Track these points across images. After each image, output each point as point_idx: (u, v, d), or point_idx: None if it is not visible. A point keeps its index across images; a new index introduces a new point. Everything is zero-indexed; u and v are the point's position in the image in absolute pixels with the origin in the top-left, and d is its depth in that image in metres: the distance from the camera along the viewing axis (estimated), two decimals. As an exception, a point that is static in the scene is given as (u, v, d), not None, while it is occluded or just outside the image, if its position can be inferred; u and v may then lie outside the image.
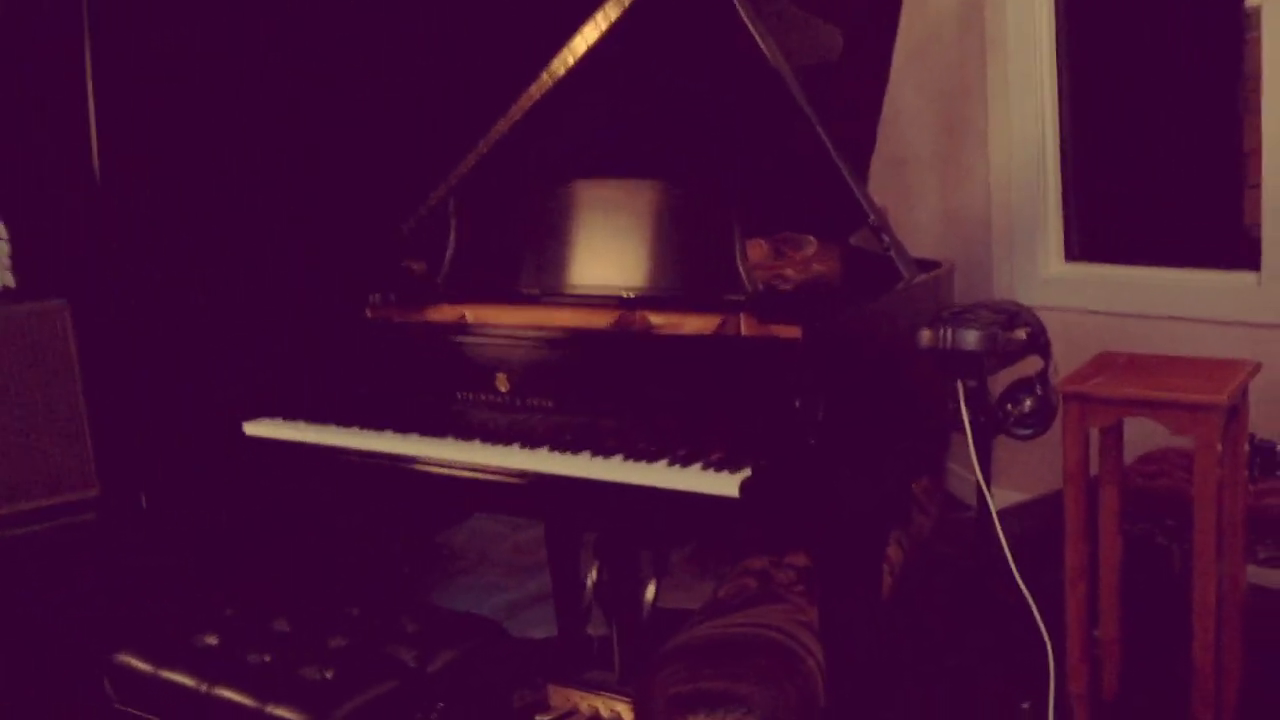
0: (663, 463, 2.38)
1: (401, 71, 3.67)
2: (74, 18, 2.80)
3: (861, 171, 4.09)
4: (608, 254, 2.79)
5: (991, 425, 2.09)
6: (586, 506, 2.48)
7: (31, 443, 2.85)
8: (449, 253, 3.03)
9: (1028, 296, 4.04)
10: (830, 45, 3.56)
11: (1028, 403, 2.10)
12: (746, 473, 2.23)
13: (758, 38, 2.74)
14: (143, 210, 3.06)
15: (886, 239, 2.66)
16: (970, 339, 1.98)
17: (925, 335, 2.06)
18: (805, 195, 2.98)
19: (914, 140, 4.41)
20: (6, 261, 2.87)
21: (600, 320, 2.76)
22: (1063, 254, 4.03)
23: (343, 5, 3.54)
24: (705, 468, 2.32)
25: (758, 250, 3.33)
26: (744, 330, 2.62)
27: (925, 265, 2.86)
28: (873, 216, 2.67)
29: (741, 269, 2.63)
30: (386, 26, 3.64)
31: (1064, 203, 4.02)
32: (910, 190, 4.46)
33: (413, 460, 2.67)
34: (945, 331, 2.01)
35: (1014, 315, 2.06)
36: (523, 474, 2.51)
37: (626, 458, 2.42)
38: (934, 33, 4.24)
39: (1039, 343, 2.08)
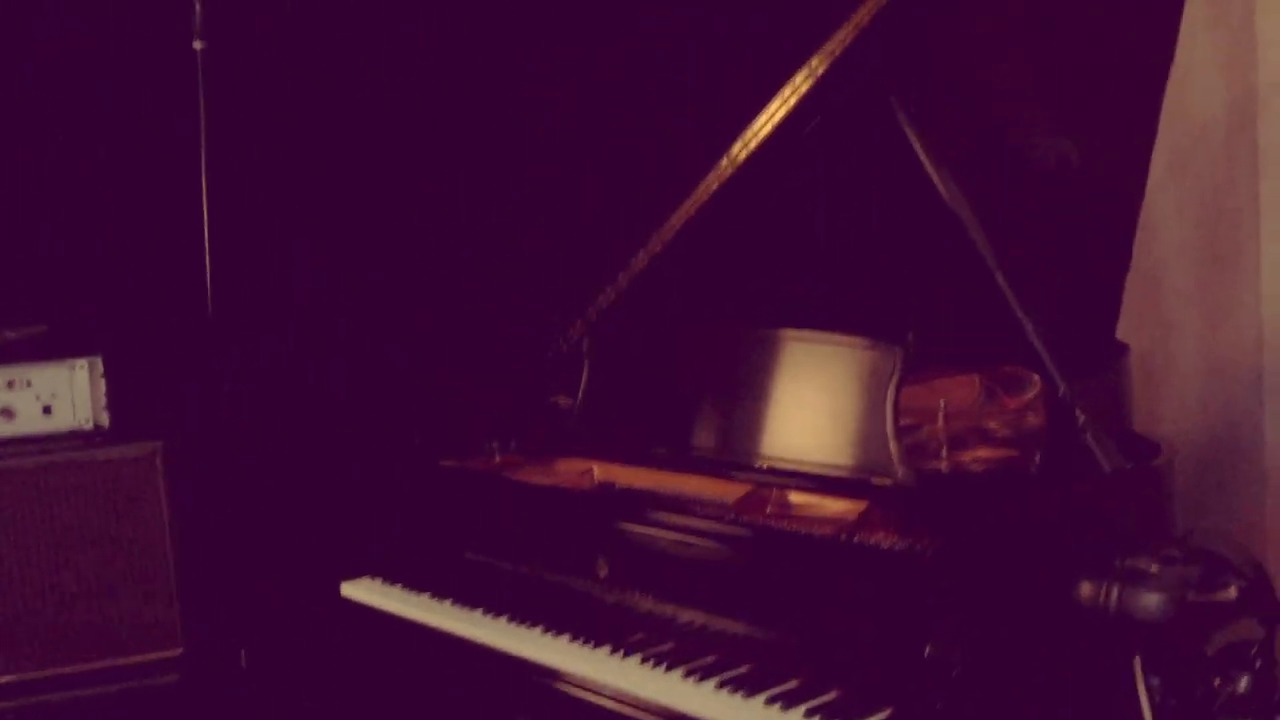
0: (760, 699, 1.90)
1: (536, 196, 3.37)
2: (191, 135, 2.63)
3: (1105, 307, 3.46)
4: (747, 413, 2.37)
5: (1187, 712, 1.49)
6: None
7: (112, 595, 2.66)
8: (579, 397, 2.70)
9: (1307, 466, 3.29)
10: (1060, 159, 3.02)
11: (1243, 682, 1.50)
12: (851, 734, 1.73)
13: (932, 172, 2.27)
14: (253, 345, 2.86)
15: (1082, 417, 2.10)
16: (1147, 605, 1.41)
17: (1085, 590, 1.50)
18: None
19: (1172, 265, 3.73)
20: (102, 400, 2.72)
21: (731, 492, 2.32)
22: (1354, 415, 3.26)
23: (462, 138, 3.29)
24: (810, 715, 1.82)
25: (967, 389, 2.82)
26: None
27: (1138, 448, 2.28)
28: (1063, 388, 2.13)
29: (893, 448, 2.14)
30: (506, 163, 3.35)
31: (1358, 351, 3.25)
32: (1168, 323, 3.78)
33: (496, 653, 2.31)
34: (1110, 590, 1.45)
35: (1218, 565, 1.47)
36: (601, 689, 2.09)
37: (722, 685, 1.96)
38: (1197, 143, 3.58)
39: (1261, 603, 1.48)
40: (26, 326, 2.80)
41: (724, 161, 2.53)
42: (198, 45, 2.56)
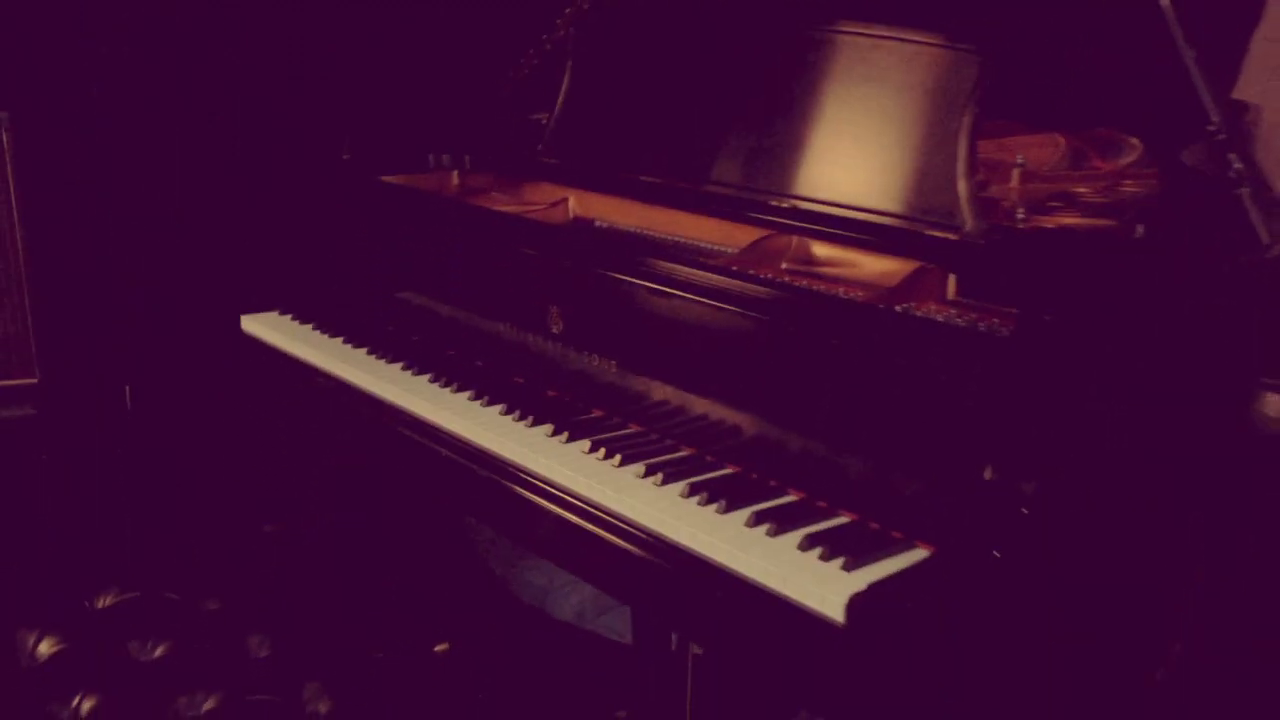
0: (741, 515, 1.36)
1: None
2: None
3: (1227, 45, 2.82)
4: (765, 134, 1.77)
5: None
6: (616, 566, 1.48)
7: (-55, 309, 2.12)
8: (558, 105, 2.10)
9: None
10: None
11: None
12: (862, 582, 1.19)
13: None
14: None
15: (1237, 165, 1.48)
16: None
17: (1271, 405, 0.93)
18: (1120, 74, 1.90)
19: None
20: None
21: (738, 238, 1.74)
22: None
23: None
24: (809, 544, 1.28)
25: (1050, 149, 2.24)
26: (950, 294, 1.55)
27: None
28: (1215, 119, 1.50)
29: (962, 189, 1.54)
30: None
31: None
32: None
33: (416, 421, 1.77)
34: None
35: None
36: (537, 482, 1.56)
37: (693, 491, 1.43)
38: None
39: None
40: None
41: None
42: None
